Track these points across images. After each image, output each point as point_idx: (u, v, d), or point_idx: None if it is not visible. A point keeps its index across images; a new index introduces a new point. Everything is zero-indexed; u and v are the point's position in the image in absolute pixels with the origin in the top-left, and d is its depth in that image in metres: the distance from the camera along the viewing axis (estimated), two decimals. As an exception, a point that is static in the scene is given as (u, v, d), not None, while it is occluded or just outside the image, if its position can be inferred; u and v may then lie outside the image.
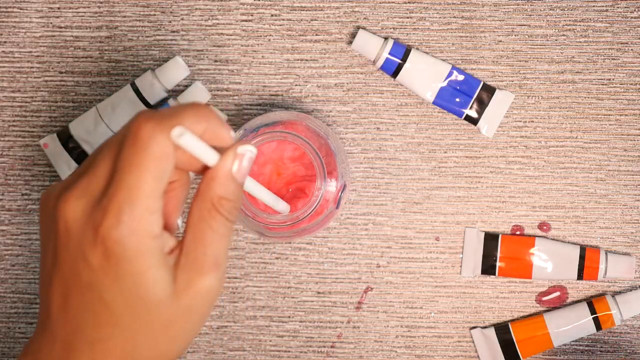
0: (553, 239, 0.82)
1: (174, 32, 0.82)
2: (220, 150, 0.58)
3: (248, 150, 0.58)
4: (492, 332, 0.82)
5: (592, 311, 0.80)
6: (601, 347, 0.82)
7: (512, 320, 0.82)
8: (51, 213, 0.58)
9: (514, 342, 0.81)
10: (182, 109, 0.57)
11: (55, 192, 0.58)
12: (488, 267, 0.82)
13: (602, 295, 0.81)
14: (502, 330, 0.81)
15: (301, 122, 0.73)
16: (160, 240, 0.56)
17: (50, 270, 0.58)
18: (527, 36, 0.82)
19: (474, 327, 0.82)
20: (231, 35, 0.82)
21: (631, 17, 0.82)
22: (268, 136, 0.71)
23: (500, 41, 0.82)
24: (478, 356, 0.82)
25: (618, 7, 0.82)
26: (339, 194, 0.73)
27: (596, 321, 0.80)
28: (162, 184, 0.56)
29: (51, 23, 0.83)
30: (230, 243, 0.59)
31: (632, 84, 0.82)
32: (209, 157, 0.57)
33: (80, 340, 0.57)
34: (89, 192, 0.56)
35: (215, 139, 0.58)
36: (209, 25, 0.82)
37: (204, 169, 0.59)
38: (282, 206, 0.69)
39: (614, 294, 0.81)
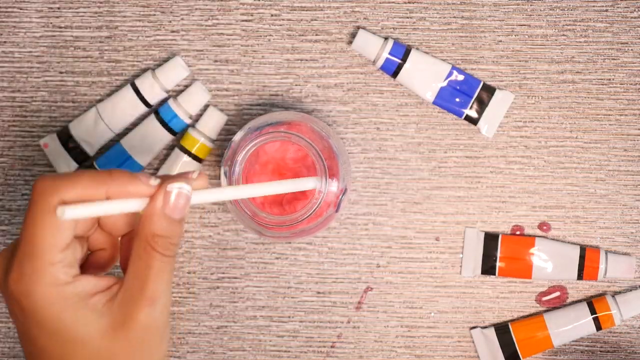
0: (553, 239, 0.82)
1: (174, 32, 0.82)
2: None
3: (176, 188, 0.60)
4: (492, 332, 0.82)
5: (592, 311, 0.80)
6: (601, 347, 0.82)
7: (512, 320, 0.82)
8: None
9: (514, 342, 0.81)
10: (78, 175, 0.59)
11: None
12: (488, 267, 0.82)
13: (602, 295, 0.81)
14: (502, 330, 0.81)
15: (305, 124, 0.73)
16: (73, 286, 0.59)
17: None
18: (527, 36, 0.82)
19: (474, 327, 0.82)
20: (231, 35, 0.82)
21: (631, 17, 0.82)
22: (271, 136, 0.71)
23: (500, 41, 0.82)
24: (478, 356, 0.82)
25: (618, 7, 0.82)
26: (340, 197, 0.73)
27: (596, 321, 0.80)
28: (61, 237, 0.58)
29: (51, 23, 0.83)
30: (171, 276, 0.60)
31: (632, 84, 0.82)
32: (126, 207, 0.60)
33: None
34: (5, 255, 0.61)
35: (130, 195, 0.60)
36: (209, 25, 0.82)
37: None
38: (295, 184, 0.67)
39: (614, 293, 0.81)
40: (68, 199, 0.59)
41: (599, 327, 0.80)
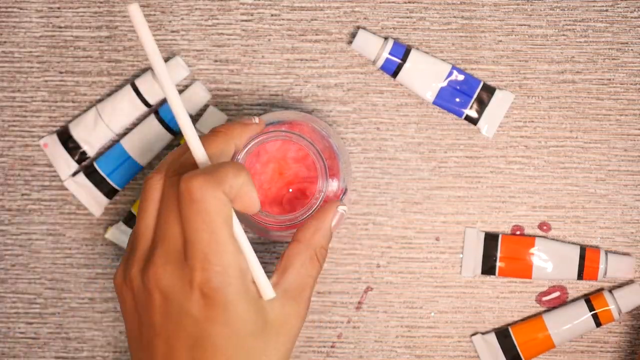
0: (553, 239, 0.82)
1: (174, 32, 0.82)
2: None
3: (344, 209, 0.69)
4: (492, 337, 0.82)
5: (591, 308, 0.81)
6: (601, 347, 0.82)
7: (512, 324, 0.82)
8: (137, 289, 0.63)
9: (515, 346, 0.81)
10: (222, 166, 0.62)
11: (129, 270, 0.64)
12: (488, 267, 0.82)
13: (599, 291, 0.81)
14: (503, 335, 0.81)
15: (306, 123, 0.73)
16: (248, 274, 0.63)
17: (150, 344, 0.63)
18: (527, 36, 0.82)
19: (475, 334, 0.82)
20: (231, 35, 0.82)
21: (631, 17, 0.82)
22: (272, 135, 0.71)
23: (500, 41, 0.82)
24: (478, 356, 0.82)
25: (618, 7, 0.82)
26: (340, 197, 0.73)
27: (595, 318, 0.80)
28: (230, 227, 0.62)
29: (51, 23, 0.83)
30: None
31: (632, 84, 0.82)
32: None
33: None
34: (171, 257, 0.62)
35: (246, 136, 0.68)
36: (209, 25, 0.82)
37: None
38: None
39: (611, 288, 0.81)
40: (229, 190, 0.62)
41: (598, 324, 0.81)
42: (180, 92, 0.82)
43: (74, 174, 0.83)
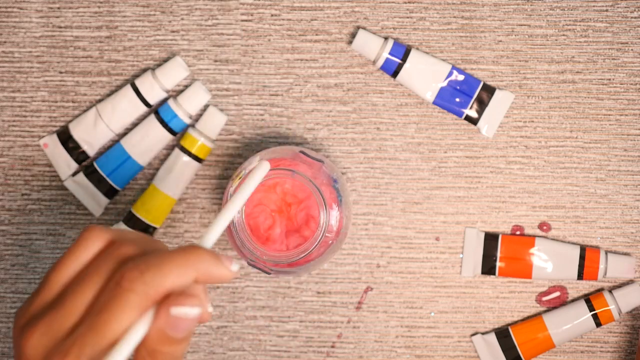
0: (553, 239, 0.82)
1: (174, 32, 0.82)
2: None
3: (183, 313, 0.55)
4: (493, 337, 0.82)
5: (591, 308, 0.81)
6: (601, 347, 0.82)
7: (512, 324, 0.82)
8: (17, 341, 0.57)
9: (515, 346, 0.81)
10: (167, 263, 0.55)
11: (22, 317, 0.57)
12: (488, 267, 0.82)
13: (599, 291, 0.81)
14: (503, 335, 0.81)
15: (298, 163, 0.74)
16: None
17: None
18: (527, 36, 0.82)
19: (475, 334, 0.82)
20: (231, 35, 0.82)
21: (631, 17, 0.82)
22: (273, 173, 0.72)
23: (500, 41, 0.82)
24: (478, 356, 0.82)
25: (618, 7, 0.82)
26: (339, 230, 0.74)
27: (595, 318, 0.80)
28: (136, 336, 0.55)
29: (51, 23, 0.83)
30: None
31: (632, 84, 0.82)
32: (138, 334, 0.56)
33: None
34: (54, 329, 0.56)
35: (212, 280, 0.57)
36: (209, 25, 0.82)
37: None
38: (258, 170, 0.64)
39: (611, 288, 0.81)
40: (159, 295, 0.55)
41: (598, 324, 0.81)
42: (180, 92, 0.82)
43: (74, 174, 0.83)
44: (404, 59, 0.81)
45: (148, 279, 0.55)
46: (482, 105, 0.81)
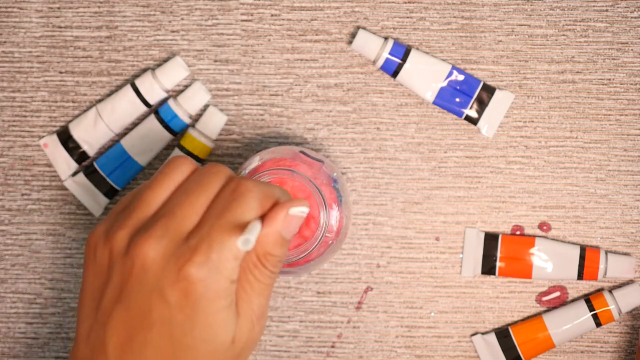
0: (553, 239, 0.82)
1: (174, 32, 0.82)
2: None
3: (299, 211, 0.61)
4: (493, 337, 0.82)
5: (591, 308, 0.81)
6: (601, 347, 0.82)
7: (512, 324, 0.82)
8: (118, 252, 0.59)
9: (515, 346, 0.81)
10: (268, 184, 0.61)
11: (116, 231, 0.60)
12: (488, 267, 0.82)
13: (599, 291, 0.81)
14: (503, 335, 0.81)
15: (298, 164, 0.74)
16: (235, 287, 0.59)
17: (109, 307, 0.59)
18: (527, 36, 0.82)
19: (475, 334, 0.82)
20: (231, 35, 0.82)
21: (631, 17, 0.82)
22: (273, 174, 0.72)
23: (500, 41, 0.82)
24: (478, 356, 0.82)
25: (618, 7, 0.82)
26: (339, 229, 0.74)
27: (595, 318, 0.80)
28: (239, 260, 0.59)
29: (51, 23, 0.83)
30: (271, 292, 0.63)
31: (632, 84, 0.82)
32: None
33: None
34: (172, 233, 0.59)
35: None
36: (209, 25, 0.82)
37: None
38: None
39: (611, 288, 0.81)
40: (271, 201, 0.61)
41: (598, 324, 0.81)
42: (180, 92, 0.82)
43: (74, 174, 0.83)
44: (404, 59, 0.81)
45: (261, 187, 0.59)
46: (482, 105, 0.81)
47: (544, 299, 0.82)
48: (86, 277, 0.61)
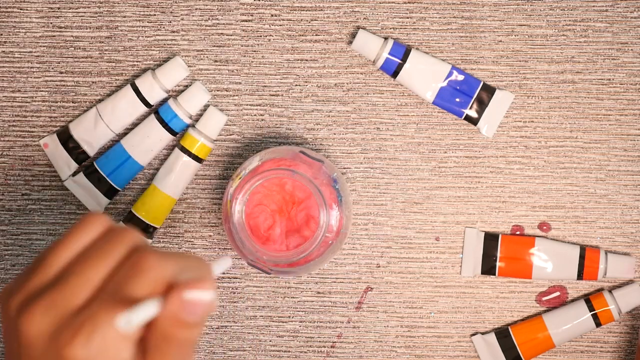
0: (553, 239, 0.82)
1: (174, 32, 0.83)
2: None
3: (197, 298, 0.54)
4: (493, 337, 0.82)
5: (591, 308, 0.81)
6: (601, 347, 0.82)
7: (512, 324, 0.82)
8: (13, 320, 0.56)
9: (515, 346, 0.81)
10: (181, 255, 0.56)
11: (16, 298, 0.56)
12: (488, 267, 0.82)
13: (599, 291, 0.81)
14: (503, 335, 0.81)
15: (298, 164, 0.74)
16: None
17: None
18: (527, 36, 0.82)
19: (475, 334, 0.82)
20: (231, 35, 0.82)
21: (631, 17, 0.82)
22: (272, 173, 0.72)
23: (500, 41, 0.82)
24: (478, 356, 0.82)
25: (618, 7, 0.82)
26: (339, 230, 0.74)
27: (595, 318, 0.80)
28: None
29: (51, 23, 0.83)
30: (191, 356, 0.58)
31: (632, 84, 0.82)
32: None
33: None
34: (60, 306, 0.55)
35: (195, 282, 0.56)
36: (209, 25, 0.82)
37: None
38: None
39: (611, 288, 0.81)
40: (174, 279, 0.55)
41: (598, 324, 0.81)
42: (180, 92, 0.82)
43: (74, 174, 0.83)
44: (404, 59, 0.81)
45: (167, 263, 0.54)
46: (482, 105, 0.81)
47: (544, 299, 0.82)
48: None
